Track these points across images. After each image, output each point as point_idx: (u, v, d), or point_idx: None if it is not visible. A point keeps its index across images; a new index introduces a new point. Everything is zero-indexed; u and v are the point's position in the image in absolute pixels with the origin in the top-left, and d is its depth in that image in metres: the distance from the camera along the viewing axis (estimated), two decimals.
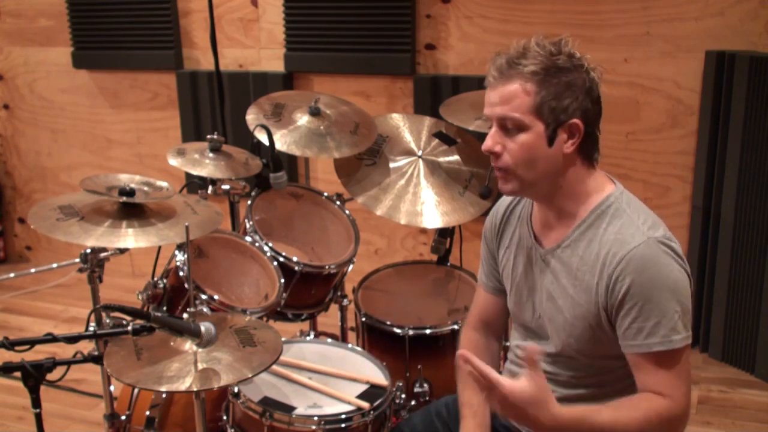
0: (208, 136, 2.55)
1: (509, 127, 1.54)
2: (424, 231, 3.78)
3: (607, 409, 1.48)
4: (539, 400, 1.40)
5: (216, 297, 2.19)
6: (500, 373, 1.84)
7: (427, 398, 2.40)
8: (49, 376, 1.66)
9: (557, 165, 1.56)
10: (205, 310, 2.12)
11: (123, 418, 2.24)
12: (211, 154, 2.52)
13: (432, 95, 3.53)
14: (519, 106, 1.51)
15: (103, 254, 2.16)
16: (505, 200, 1.82)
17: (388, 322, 2.46)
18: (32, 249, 4.74)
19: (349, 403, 1.99)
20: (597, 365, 1.63)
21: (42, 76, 4.37)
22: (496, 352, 1.89)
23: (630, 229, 1.54)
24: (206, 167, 2.48)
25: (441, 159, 2.71)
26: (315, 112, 2.64)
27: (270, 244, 2.42)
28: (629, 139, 3.35)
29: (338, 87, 3.69)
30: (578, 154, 1.57)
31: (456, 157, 2.72)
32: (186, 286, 2.13)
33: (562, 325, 1.62)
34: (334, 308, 2.73)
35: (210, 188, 2.58)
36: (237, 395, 1.96)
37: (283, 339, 1.90)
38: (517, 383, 1.41)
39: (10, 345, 1.62)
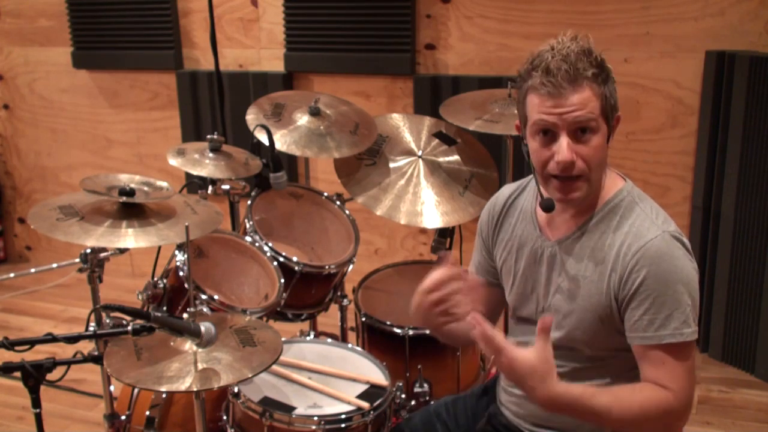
0: (208, 136, 2.55)
1: (583, 133, 1.53)
2: (424, 231, 3.78)
3: (605, 393, 1.50)
4: (540, 372, 1.44)
5: (216, 297, 2.19)
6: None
7: (427, 398, 2.40)
8: (49, 376, 1.66)
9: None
10: (205, 310, 2.12)
11: (123, 418, 2.24)
12: (211, 154, 2.53)
13: (432, 95, 3.53)
14: (594, 108, 1.52)
15: (103, 254, 2.16)
16: (503, 193, 1.81)
17: (388, 322, 2.46)
18: (32, 249, 4.74)
19: (349, 403, 1.99)
20: (600, 357, 1.63)
21: (42, 76, 4.37)
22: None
23: (645, 222, 1.56)
24: (206, 167, 2.48)
25: (441, 159, 2.71)
26: (315, 112, 2.64)
27: (270, 244, 2.41)
28: (629, 139, 3.35)
29: (338, 87, 3.69)
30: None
31: (456, 157, 2.72)
32: (186, 286, 2.13)
33: (568, 316, 1.62)
34: (334, 308, 2.73)
35: (210, 188, 2.58)
36: (237, 395, 1.96)
37: (283, 339, 1.90)
38: (521, 352, 1.44)
39: (10, 345, 1.62)
